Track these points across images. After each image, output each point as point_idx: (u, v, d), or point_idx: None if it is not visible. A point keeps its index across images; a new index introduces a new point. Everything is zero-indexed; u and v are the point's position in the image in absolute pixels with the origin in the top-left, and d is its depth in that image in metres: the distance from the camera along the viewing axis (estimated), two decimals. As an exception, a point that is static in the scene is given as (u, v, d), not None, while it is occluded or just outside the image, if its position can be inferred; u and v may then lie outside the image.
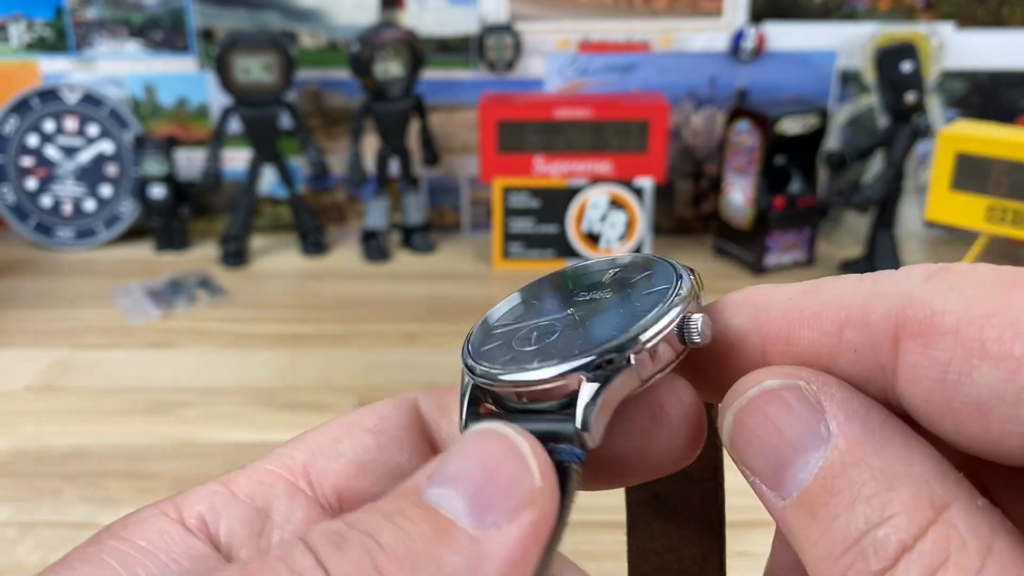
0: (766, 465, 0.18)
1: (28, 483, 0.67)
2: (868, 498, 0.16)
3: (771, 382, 0.18)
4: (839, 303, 0.18)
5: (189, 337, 0.89)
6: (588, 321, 0.21)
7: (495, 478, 0.17)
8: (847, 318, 0.18)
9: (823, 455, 0.17)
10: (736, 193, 1.04)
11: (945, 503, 0.16)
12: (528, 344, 0.21)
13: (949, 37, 1.08)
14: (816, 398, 0.18)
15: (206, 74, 1.12)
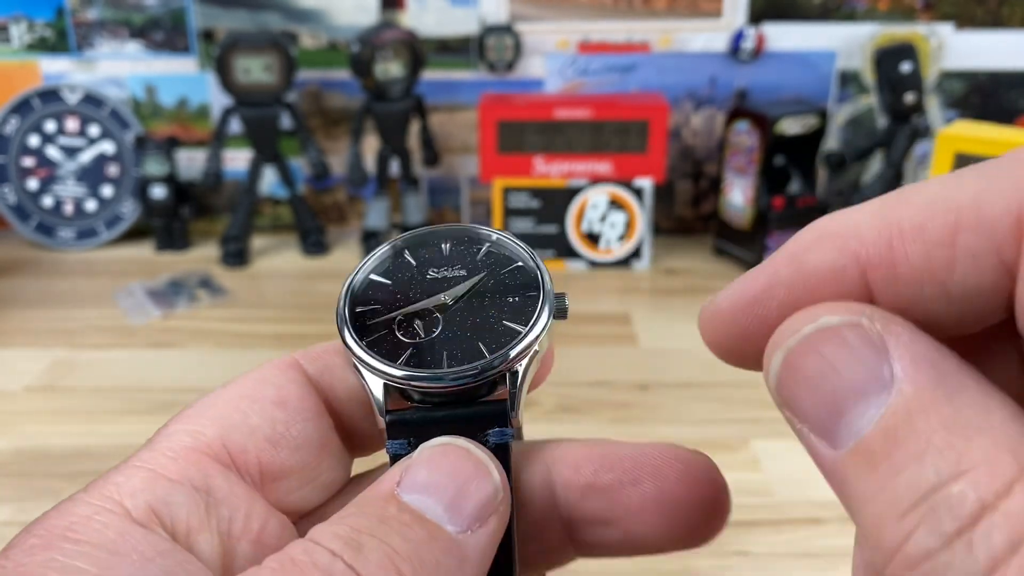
0: (819, 411, 0.16)
1: (28, 483, 0.67)
2: (940, 449, 0.14)
3: (829, 318, 0.16)
4: (945, 206, 0.16)
5: (190, 337, 0.89)
6: (473, 316, 0.24)
7: (467, 490, 0.20)
8: (959, 221, 0.16)
9: (886, 401, 0.15)
10: (736, 193, 1.04)
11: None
12: (417, 336, 0.23)
13: (948, 37, 1.08)
14: (880, 337, 0.16)
15: (207, 74, 1.12)
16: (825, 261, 0.17)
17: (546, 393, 0.77)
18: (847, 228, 0.17)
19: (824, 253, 0.17)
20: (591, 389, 0.78)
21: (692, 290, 1.00)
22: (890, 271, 0.16)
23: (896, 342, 0.16)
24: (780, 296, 0.18)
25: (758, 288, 0.18)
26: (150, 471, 0.21)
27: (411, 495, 0.20)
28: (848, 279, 0.17)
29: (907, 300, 0.16)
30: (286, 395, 0.23)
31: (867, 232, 0.17)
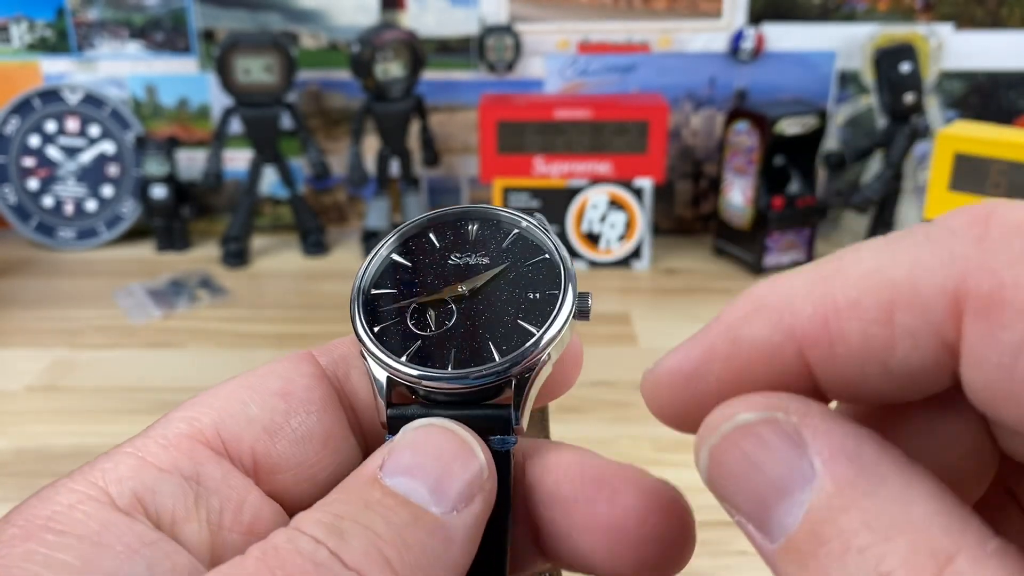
0: (749, 505, 0.16)
1: (28, 483, 0.67)
2: (861, 550, 0.14)
3: (745, 416, 0.16)
4: (880, 281, 0.15)
5: (190, 337, 0.89)
6: (489, 312, 0.23)
7: (451, 470, 0.20)
8: (894, 299, 0.15)
9: (808, 496, 0.15)
10: (735, 193, 1.04)
11: (950, 554, 0.14)
12: (428, 328, 0.22)
13: (948, 38, 1.08)
14: (797, 432, 0.16)
15: (207, 75, 1.12)
16: (760, 337, 0.17)
17: (546, 393, 0.77)
18: (782, 301, 0.17)
19: (759, 328, 0.17)
20: (591, 389, 0.78)
21: (692, 290, 1.01)
22: (828, 349, 0.16)
23: (813, 435, 0.16)
24: (717, 371, 0.17)
25: (695, 362, 0.18)
26: (138, 458, 0.20)
27: (394, 478, 0.19)
28: (784, 356, 0.17)
29: (847, 377, 0.16)
30: (291, 387, 0.23)
31: (802, 306, 0.16)
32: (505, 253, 0.24)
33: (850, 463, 0.15)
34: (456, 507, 0.19)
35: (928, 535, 0.14)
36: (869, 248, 0.16)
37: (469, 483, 0.20)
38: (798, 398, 0.16)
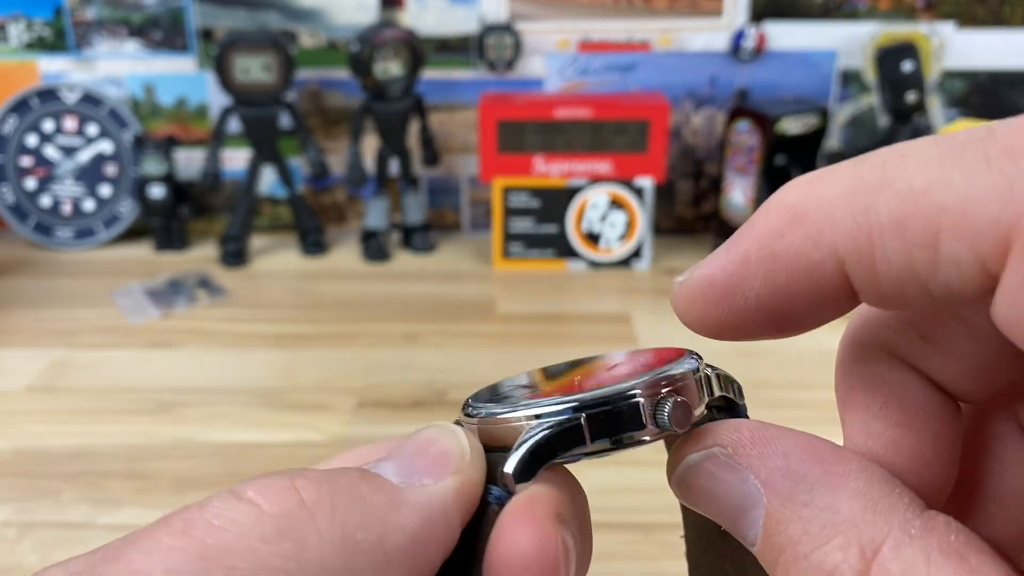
0: (724, 523, 0.18)
1: (28, 483, 0.66)
2: (807, 556, 0.16)
3: (691, 457, 0.19)
4: (928, 204, 0.15)
5: (189, 337, 0.89)
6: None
7: (427, 452, 0.19)
8: (941, 223, 0.14)
9: (761, 512, 0.17)
10: (736, 193, 1.04)
11: (876, 545, 0.15)
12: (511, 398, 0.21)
13: (950, 37, 1.08)
14: (735, 460, 0.18)
15: (205, 74, 1.12)
16: (801, 253, 0.16)
17: (546, 393, 0.76)
18: (821, 213, 0.16)
19: (798, 242, 0.16)
20: (592, 389, 0.77)
21: (693, 290, 1.00)
22: (869, 268, 0.16)
23: (748, 462, 0.18)
24: (756, 287, 0.17)
25: (730, 277, 0.17)
26: None
27: (377, 465, 0.19)
28: (825, 271, 0.16)
29: (885, 292, 0.16)
30: None
31: (843, 220, 0.16)
32: None
33: (784, 479, 0.17)
34: (422, 481, 0.19)
35: (857, 531, 0.16)
36: (918, 159, 0.15)
37: (442, 462, 0.19)
38: (730, 428, 0.18)
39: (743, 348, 0.89)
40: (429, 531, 0.18)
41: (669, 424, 0.19)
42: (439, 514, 0.18)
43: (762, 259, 0.17)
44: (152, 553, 0.16)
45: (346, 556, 0.17)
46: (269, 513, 0.17)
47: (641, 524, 0.61)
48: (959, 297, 0.15)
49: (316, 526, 0.17)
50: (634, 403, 0.19)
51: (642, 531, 0.60)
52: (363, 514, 0.17)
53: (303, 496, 0.17)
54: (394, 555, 0.17)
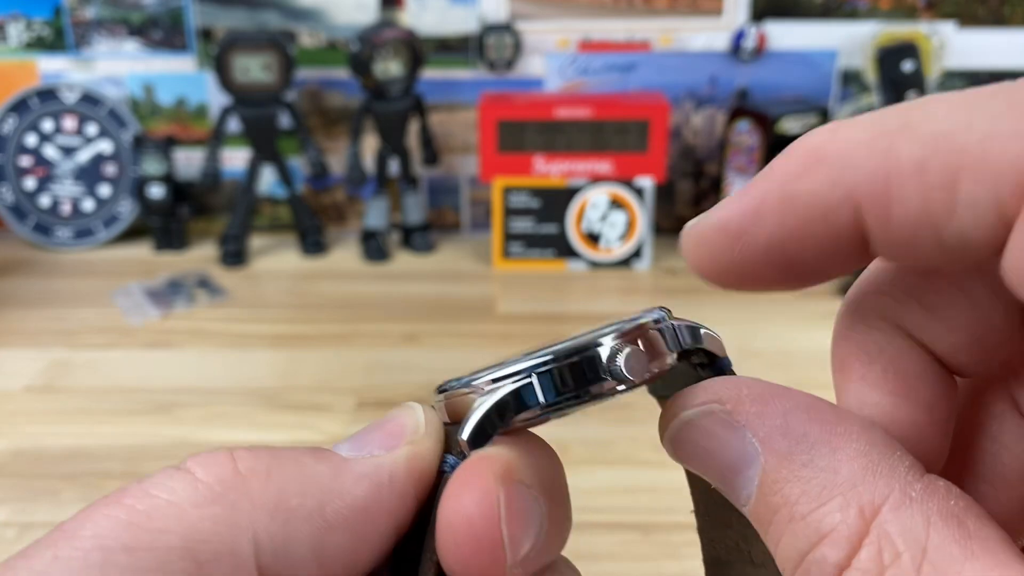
0: (717, 481, 0.18)
1: (27, 483, 0.66)
2: (804, 516, 0.16)
3: (687, 413, 0.18)
4: (948, 146, 0.15)
5: (188, 337, 0.89)
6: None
7: (383, 427, 0.19)
8: (961, 164, 0.14)
9: (757, 472, 0.17)
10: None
11: (876, 506, 0.15)
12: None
13: (950, 36, 1.08)
14: (733, 418, 0.17)
15: (205, 73, 1.12)
16: (818, 194, 0.16)
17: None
18: (842, 154, 0.16)
19: (817, 184, 0.16)
20: (592, 389, 0.77)
21: (693, 290, 1.00)
22: (884, 211, 0.15)
23: (747, 419, 0.17)
24: (770, 228, 0.17)
25: (744, 218, 0.17)
26: None
27: (335, 445, 0.19)
28: (840, 214, 0.16)
29: (899, 239, 0.16)
30: None
31: (863, 162, 0.16)
32: None
33: (783, 438, 0.17)
34: (372, 452, 0.19)
35: (856, 492, 0.15)
36: (941, 104, 0.15)
37: (395, 434, 0.19)
38: (729, 384, 0.18)
39: (744, 348, 0.89)
40: (375, 499, 0.18)
41: (625, 374, 0.19)
42: (386, 483, 0.18)
43: (779, 200, 0.17)
44: (84, 520, 0.16)
45: (281, 521, 0.17)
46: (203, 480, 0.17)
47: (641, 524, 0.61)
48: (971, 248, 0.15)
49: (248, 491, 0.17)
50: (588, 356, 0.19)
51: (642, 531, 0.60)
52: (302, 482, 0.18)
53: (239, 465, 0.18)
54: (334, 521, 0.18)
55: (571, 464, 0.20)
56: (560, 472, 0.20)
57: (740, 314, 0.93)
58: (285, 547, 0.17)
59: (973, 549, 0.15)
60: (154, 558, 0.16)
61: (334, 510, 0.18)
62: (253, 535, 0.17)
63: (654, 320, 0.20)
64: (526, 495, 0.18)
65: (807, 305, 0.96)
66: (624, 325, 0.19)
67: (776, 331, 0.90)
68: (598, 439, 0.70)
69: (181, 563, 0.16)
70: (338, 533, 0.18)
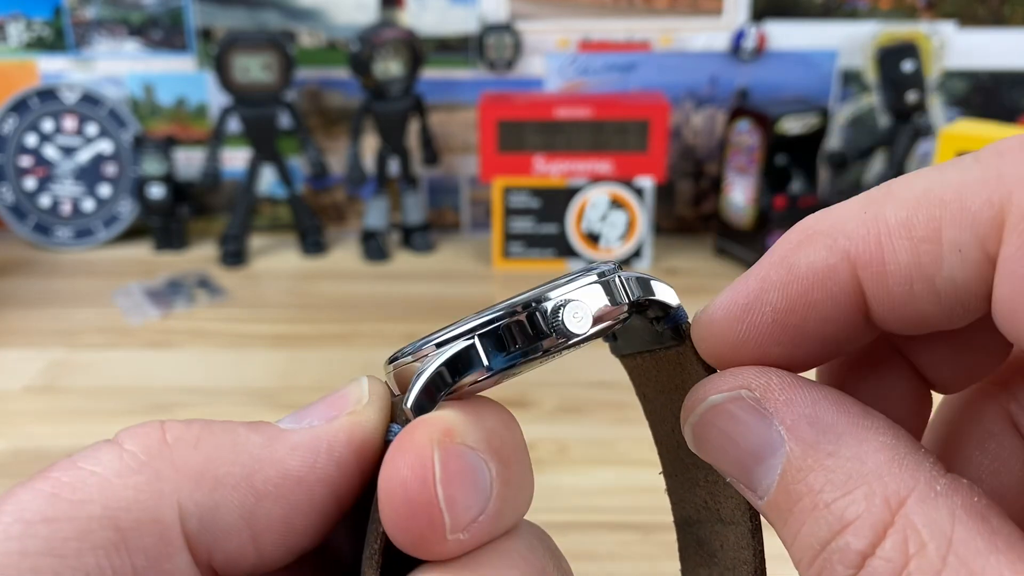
0: (735, 470, 0.18)
1: (26, 484, 0.66)
2: (828, 504, 0.16)
3: (714, 397, 0.18)
4: (929, 200, 0.16)
5: (188, 337, 0.89)
6: None
7: (326, 399, 0.19)
8: (943, 215, 0.16)
9: (780, 460, 0.17)
10: (737, 193, 1.04)
11: (901, 498, 0.15)
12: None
13: (950, 36, 1.08)
14: (761, 404, 0.17)
15: (205, 73, 1.12)
16: (816, 261, 0.17)
17: (546, 393, 0.76)
18: (835, 225, 0.17)
19: (814, 252, 0.18)
20: (591, 389, 0.77)
21: (693, 290, 1.00)
22: (879, 269, 0.17)
23: (776, 406, 0.17)
24: (774, 301, 0.18)
25: (751, 294, 0.18)
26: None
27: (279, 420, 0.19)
28: (840, 278, 0.17)
29: (897, 297, 0.17)
30: None
31: (855, 228, 0.17)
32: None
33: (810, 427, 0.17)
34: (311, 423, 0.19)
35: (882, 483, 0.16)
36: (918, 174, 0.17)
37: (337, 404, 0.19)
38: (758, 372, 0.18)
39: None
40: (310, 468, 0.18)
41: (568, 328, 0.18)
42: (323, 452, 0.18)
43: (780, 272, 0.18)
44: (8, 496, 0.16)
45: (207, 489, 0.17)
46: (129, 450, 0.17)
47: (640, 524, 0.61)
48: (964, 294, 0.16)
49: (173, 460, 0.17)
50: (531, 313, 0.18)
51: (641, 531, 0.60)
52: (233, 451, 0.18)
53: (167, 435, 0.18)
54: (264, 490, 0.18)
55: (571, 464, 0.20)
56: (515, 434, 0.19)
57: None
58: (213, 515, 0.17)
59: (997, 544, 0.15)
60: (74, 528, 0.16)
61: (264, 478, 0.18)
62: (178, 502, 0.17)
63: (599, 273, 0.20)
64: (468, 456, 0.17)
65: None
66: (567, 279, 0.19)
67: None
68: (599, 440, 0.70)
69: (103, 532, 0.16)
70: (269, 501, 0.18)
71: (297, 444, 0.18)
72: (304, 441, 0.18)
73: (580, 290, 0.19)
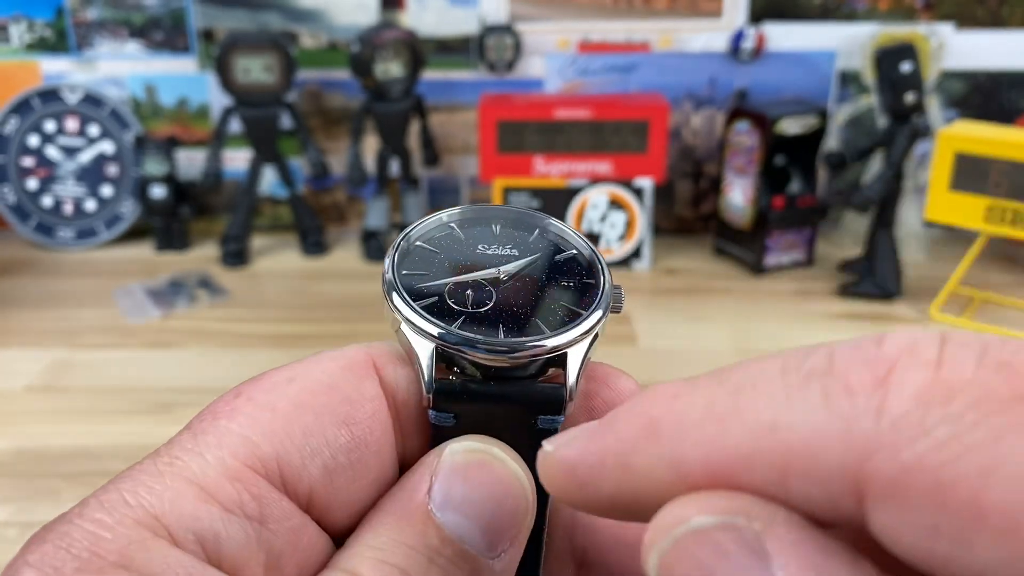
0: None
1: (28, 483, 0.67)
2: None
3: (701, 519, 0.15)
4: (773, 443, 0.14)
5: (189, 337, 0.89)
6: (528, 294, 0.22)
7: (503, 510, 0.19)
8: (789, 465, 0.14)
9: None
10: (736, 193, 1.04)
11: None
12: (469, 305, 0.22)
13: (948, 37, 1.08)
14: (759, 540, 0.14)
15: (207, 74, 1.12)
16: (651, 469, 0.16)
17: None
18: (675, 435, 0.16)
19: (650, 460, 0.16)
20: (591, 389, 0.78)
21: (692, 290, 1.00)
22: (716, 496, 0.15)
23: (779, 547, 0.14)
24: (609, 488, 0.17)
25: (591, 471, 0.17)
26: (199, 489, 0.18)
27: (447, 514, 0.19)
28: (674, 490, 0.16)
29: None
30: (356, 415, 0.20)
31: (693, 451, 0.15)
32: (533, 247, 0.24)
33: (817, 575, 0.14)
34: (504, 549, 0.19)
35: None
36: (766, 391, 0.15)
37: (517, 522, 0.19)
38: (762, 502, 0.15)
39: (744, 347, 0.89)
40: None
41: (622, 301, 0.24)
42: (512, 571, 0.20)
43: (616, 466, 0.16)
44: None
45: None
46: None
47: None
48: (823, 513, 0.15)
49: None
50: None
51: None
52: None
53: None
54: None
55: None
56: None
57: (740, 314, 0.94)
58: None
59: None
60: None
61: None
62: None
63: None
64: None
65: (807, 305, 0.96)
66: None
67: (776, 331, 0.90)
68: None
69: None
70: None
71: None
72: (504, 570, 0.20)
73: None
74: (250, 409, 0.20)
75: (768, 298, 0.98)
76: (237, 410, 0.20)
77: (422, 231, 0.24)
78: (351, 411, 0.20)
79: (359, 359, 0.21)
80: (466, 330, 0.21)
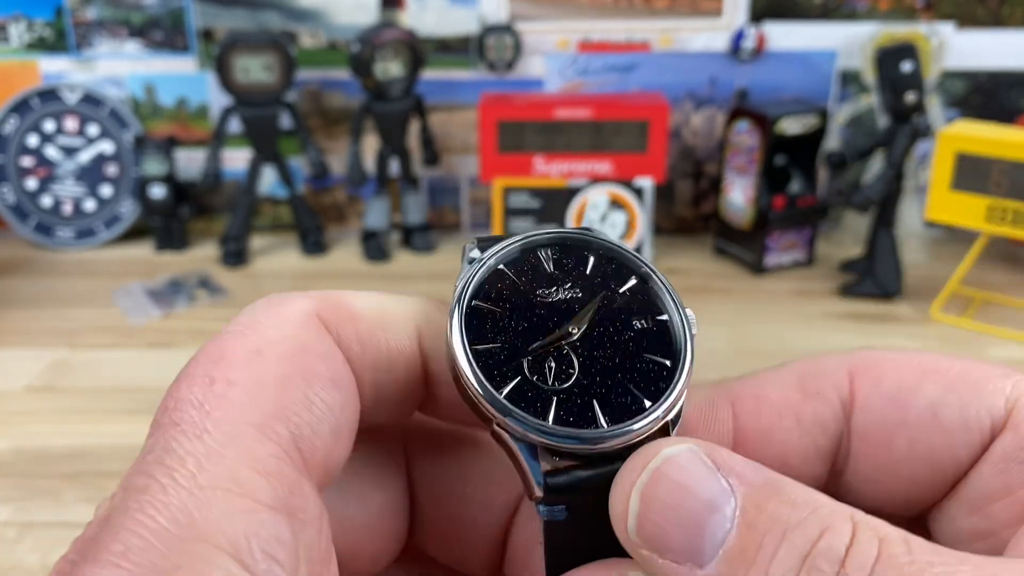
0: (682, 534, 0.18)
1: (28, 483, 0.67)
2: (799, 522, 0.18)
3: (670, 449, 0.19)
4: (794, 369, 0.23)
5: (189, 337, 0.89)
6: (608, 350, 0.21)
7: None
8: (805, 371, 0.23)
9: (736, 504, 0.18)
10: (736, 193, 1.04)
11: (852, 514, 0.18)
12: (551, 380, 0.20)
13: (949, 37, 1.08)
14: (711, 458, 0.19)
15: (206, 74, 1.12)
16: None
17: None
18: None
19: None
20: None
21: (693, 290, 1.00)
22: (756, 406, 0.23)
23: (722, 460, 0.19)
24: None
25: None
26: (247, 499, 0.17)
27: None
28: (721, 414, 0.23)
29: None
30: (337, 370, 0.20)
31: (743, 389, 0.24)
32: (592, 279, 0.22)
33: (756, 472, 0.19)
34: None
35: (831, 503, 0.18)
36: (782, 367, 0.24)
37: None
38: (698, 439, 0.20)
39: (744, 347, 0.89)
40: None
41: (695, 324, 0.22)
42: None
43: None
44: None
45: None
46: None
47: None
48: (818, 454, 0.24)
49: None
50: None
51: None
52: None
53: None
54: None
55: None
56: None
57: (740, 314, 0.94)
58: None
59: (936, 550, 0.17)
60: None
61: None
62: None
63: None
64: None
65: (807, 305, 0.96)
66: None
67: (776, 331, 0.90)
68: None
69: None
70: None
71: None
72: None
73: None
74: (236, 394, 0.18)
75: (768, 298, 0.98)
76: (225, 397, 0.18)
77: (476, 286, 0.21)
78: (331, 367, 0.20)
79: (303, 309, 0.20)
80: (566, 423, 0.19)
